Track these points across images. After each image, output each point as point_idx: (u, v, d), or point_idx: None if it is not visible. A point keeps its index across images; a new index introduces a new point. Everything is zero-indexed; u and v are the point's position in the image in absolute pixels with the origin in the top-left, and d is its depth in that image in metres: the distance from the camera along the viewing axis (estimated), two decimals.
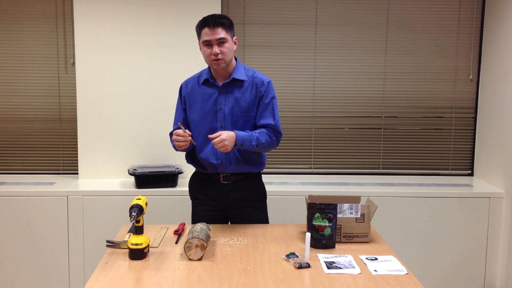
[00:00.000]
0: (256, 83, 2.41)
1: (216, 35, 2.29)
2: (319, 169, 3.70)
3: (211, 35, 2.30)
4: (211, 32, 2.30)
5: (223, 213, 2.54)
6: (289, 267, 1.93)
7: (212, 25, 2.28)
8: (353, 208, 2.22)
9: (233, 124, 2.40)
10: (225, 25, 2.31)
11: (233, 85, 2.40)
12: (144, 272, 1.89)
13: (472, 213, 3.24)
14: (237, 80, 2.40)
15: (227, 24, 2.32)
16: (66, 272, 3.19)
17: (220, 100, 2.40)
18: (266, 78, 2.45)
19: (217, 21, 2.29)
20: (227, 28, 2.32)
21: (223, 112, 2.39)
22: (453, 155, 3.71)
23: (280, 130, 2.47)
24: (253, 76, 2.43)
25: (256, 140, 2.34)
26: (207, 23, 2.30)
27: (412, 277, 1.86)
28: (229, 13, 3.51)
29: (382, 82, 3.64)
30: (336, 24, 3.58)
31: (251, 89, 2.40)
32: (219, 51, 2.30)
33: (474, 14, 3.59)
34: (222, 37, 2.30)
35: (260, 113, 2.42)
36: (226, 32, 2.31)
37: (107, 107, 3.36)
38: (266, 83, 2.42)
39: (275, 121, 2.43)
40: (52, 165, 3.62)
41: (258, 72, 2.47)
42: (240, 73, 2.41)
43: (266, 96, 2.41)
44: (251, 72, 2.45)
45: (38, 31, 3.49)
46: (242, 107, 2.39)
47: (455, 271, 3.29)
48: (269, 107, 2.42)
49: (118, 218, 3.04)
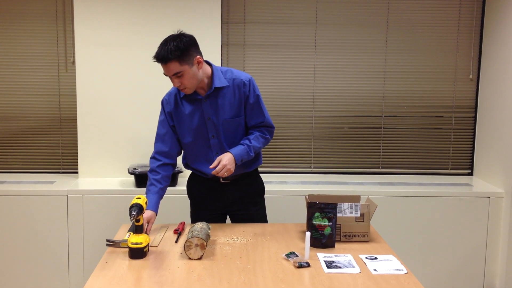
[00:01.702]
0: (238, 84, 2.36)
1: (171, 71, 2.19)
2: (319, 169, 3.70)
3: (166, 71, 2.20)
4: (165, 68, 2.19)
5: (222, 211, 2.54)
6: (289, 266, 1.94)
7: (164, 62, 2.17)
8: (353, 207, 2.22)
9: (225, 131, 2.37)
10: (176, 58, 2.16)
11: (215, 93, 2.34)
12: (144, 271, 1.89)
13: (472, 212, 3.24)
14: (219, 88, 2.34)
15: (178, 55, 2.15)
16: (66, 271, 3.19)
17: (206, 110, 2.35)
18: (246, 76, 2.39)
19: (167, 57, 2.15)
20: (180, 59, 2.17)
21: (212, 122, 2.36)
22: (453, 154, 3.71)
23: (272, 123, 2.47)
24: (233, 78, 2.36)
25: (253, 149, 2.36)
26: (158, 60, 2.19)
27: (411, 277, 1.86)
28: (229, 12, 3.51)
29: (382, 82, 3.64)
30: (336, 24, 3.58)
31: (234, 92, 2.36)
32: (179, 83, 2.23)
33: (474, 13, 3.59)
34: (176, 72, 2.18)
35: (249, 114, 2.40)
36: (180, 64, 2.17)
37: (107, 106, 3.36)
38: (248, 82, 2.37)
39: (265, 117, 2.44)
40: (52, 164, 3.62)
41: (235, 70, 2.41)
42: (220, 80, 2.33)
43: (251, 96, 2.38)
44: (229, 74, 2.37)
45: (38, 30, 3.49)
46: (230, 113, 2.36)
47: (455, 270, 3.29)
48: (256, 106, 2.40)
49: (118, 217, 3.03)
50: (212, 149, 2.40)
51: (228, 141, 2.39)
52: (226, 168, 2.23)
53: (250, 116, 2.41)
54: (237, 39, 3.55)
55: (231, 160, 2.27)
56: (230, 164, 2.25)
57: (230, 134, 2.39)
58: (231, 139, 2.39)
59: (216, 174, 2.24)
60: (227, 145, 2.38)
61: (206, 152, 2.41)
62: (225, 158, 2.25)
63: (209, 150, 2.40)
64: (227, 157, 2.26)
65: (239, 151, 2.32)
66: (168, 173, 2.42)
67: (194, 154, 2.44)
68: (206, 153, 2.41)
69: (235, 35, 3.55)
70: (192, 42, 2.22)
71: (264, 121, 2.43)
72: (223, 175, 2.25)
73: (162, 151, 2.42)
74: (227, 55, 3.56)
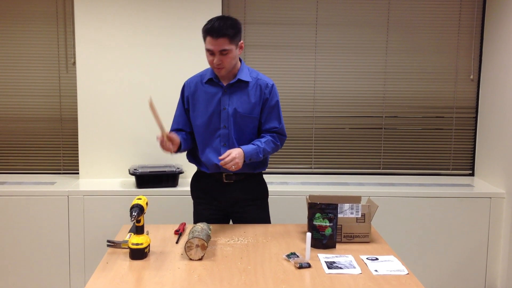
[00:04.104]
0: (260, 85, 2.40)
1: (219, 47, 2.23)
2: (320, 169, 3.70)
3: (214, 45, 2.24)
4: (214, 42, 2.23)
5: (225, 212, 2.54)
6: (290, 267, 1.93)
7: (216, 36, 2.22)
8: (354, 208, 2.22)
9: (236, 124, 2.39)
10: (229, 36, 2.23)
11: (237, 86, 2.39)
12: (145, 272, 1.89)
13: (473, 213, 3.24)
14: (241, 81, 2.39)
15: (232, 34, 2.24)
16: (66, 272, 3.19)
17: (224, 100, 2.39)
18: (270, 80, 2.45)
19: (222, 32, 2.21)
20: (232, 38, 2.24)
21: (226, 112, 2.39)
22: (453, 155, 3.71)
23: (285, 132, 2.50)
24: (257, 78, 2.42)
25: (263, 152, 2.38)
26: (211, 33, 2.23)
27: (412, 277, 1.86)
28: (230, 12, 3.51)
29: (382, 82, 3.63)
30: (337, 24, 3.58)
31: (255, 91, 2.40)
32: (220, 61, 2.27)
33: (475, 13, 3.59)
34: (224, 49, 2.24)
35: (265, 116, 2.43)
36: (230, 43, 2.24)
37: (108, 107, 3.36)
38: (270, 86, 2.42)
39: (281, 124, 2.46)
40: (52, 165, 3.62)
41: (261, 74, 2.47)
42: (245, 74, 2.39)
43: (271, 99, 2.41)
44: (255, 73, 2.44)
45: (38, 30, 3.49)
46: (246, 108, 2.39)
47: (456, 271, 3.29)
48: (274, 110, 2.43)
49: (118, 218, 3.04)
50: (220, 139, 2.41)
51: (237, 135, 2.40)
52: (235, 161, 2.23)
53: (265, 119, 2.43)
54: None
55: (241, 155, 2.28)
56: (239, 159, 2.26)
57: (241, 129, 2.40)
58: (240, 134, 2.41)
59: (224, 165, 2.24)
60: (235, 139, 2.40)
61: (214, 140, 2.42)
62: (235, 152, 2.26)
63: (217, 139, 2.42)
64: (237, 151, 2.27)
65: (250, 149, 2.33)
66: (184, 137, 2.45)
67: (203, 141, 2.45)
68: (214, 141, 2.42)
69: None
70: (241, 27, 2.34)
71: (278, 128, 2.45)
72: (230, 167, 2.24)
73: (176, 129, 2.49)
74: None
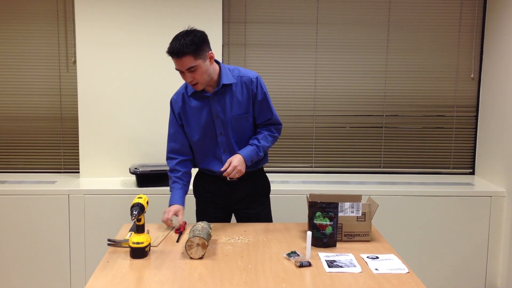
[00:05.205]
0: (245, 82, 2.38)
1: (185, 66, 2.19)
2: (320, 168, 3.70)
3: (180, 65, 2.20)
4: (179, 62, 2.19)
5: (228, 210, 2.55)
6: (290, 266, 1.93)
7: (178, 57, 2.17)
8: (354, 206, 2.22)
9: (233, 128, 2.39)
10: (191, 53, 2.16)
11: (223, 90, 2.36)
12: (145, 271, 1.89)
13: (473, 212, 3.24)
14: (226, 85, 2.36)
15: (194, 50, 2.17)
16: (67, 271, 3.19)
17: (214, 107, 2.36)
18: (253, 74, 2.41)
19: (182, 51, 2.15)
20: (195, 53, 2.18)
21: (220, 119, 2.37)
22: (454, 153, 3.71)
23: (279, 120, 2.50)
24: (240, 76, 2.38)
25: (262, 148, 2.39)
26: (172, 54, 2.18)
27: (413, 276, 1.86)
28: (230, 12, 3.51)
29: (383, 81, 3.63)
30: (338, 23, 3.58)
31: (242, 89, 2.38)
32: (192, 78, 2.24)
33: (476, 12, 3.59)
34: (191, 66, 2.19)
35: (257, 111, 2.42)
36: (195, 59, 2.18)
37: (109, 106, 3.36)
38: (255, 80, 2.39)
39: (273, 114, 2.46)
40: (53, 164, 3.63)
41: (242, 69, 2.43)
42: (227, 77, 2.35)
43: (259, 93, 2.39)
44: (236, 71, 2.40)
45: (39, 30, 3.49)
46: (238, 109, 2.38)
47: (456, 270, 3.29)
48: (264, 102, 2.42)
49: (119, 217, 3.04)
50: (220, 146, 2.41)
51: (236, 138, 2.41)
52: (237, 169, 2.26)
53: (258, 113, 2.43)
54: (238, 39, 3.55)
55: (242, 161, 2.30)
56: (241, 166, 2.28)
57: (238, 131, 2.40)
58: (239, 136, 2.41)
59: (227, 176, 2.27)
60: (235, 142, 2.40)
61: (214, 149, 2.42)
62: (235, 160, 2.28)
63: (217, 147, 2.42)
64: (237, 159, 2.29)
65: (249, 152, 2.34)
66: (187, 169, 2.46)
67: (202, 152, 2.45)
68: (214, 150, 2.42)
69: (236, 34, 3.55)
70: (205, 38, 2.26)
71: (271, 119, 2.45)
72: (233, 176, 2.27)
73: (175, 149, 2.46)
74: (228, 55, 3.56)
